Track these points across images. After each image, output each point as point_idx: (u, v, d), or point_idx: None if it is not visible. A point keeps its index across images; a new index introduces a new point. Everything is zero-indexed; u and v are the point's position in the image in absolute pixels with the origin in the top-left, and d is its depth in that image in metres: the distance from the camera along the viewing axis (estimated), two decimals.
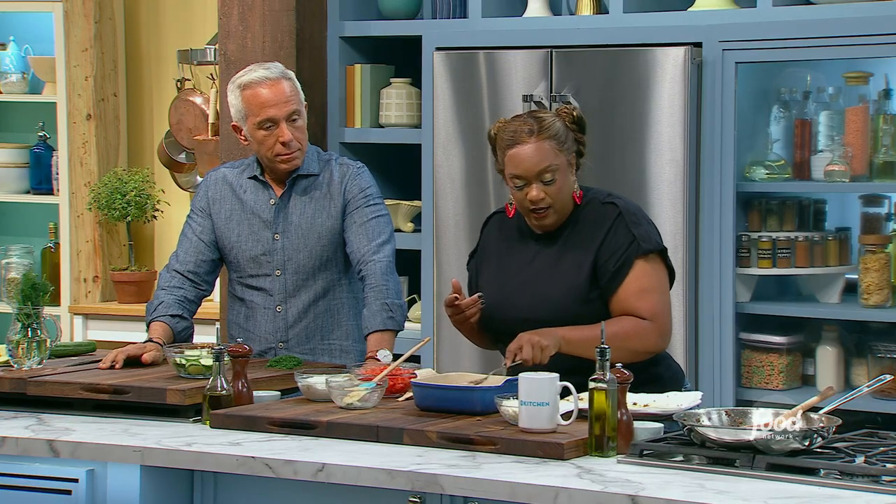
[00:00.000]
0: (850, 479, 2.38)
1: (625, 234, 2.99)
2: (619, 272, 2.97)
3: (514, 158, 2.98)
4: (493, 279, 3.11)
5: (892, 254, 4.11)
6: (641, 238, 3.00)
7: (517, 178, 2.98)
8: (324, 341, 3.48)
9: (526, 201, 2.99)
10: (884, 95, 4.12)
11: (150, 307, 3.45)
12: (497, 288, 3.08)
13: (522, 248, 3.09)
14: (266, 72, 3.39)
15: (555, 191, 2.98)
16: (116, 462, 2.80)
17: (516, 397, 2.69)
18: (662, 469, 2.51)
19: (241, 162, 3.57)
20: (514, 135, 2.99)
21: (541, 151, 2.96)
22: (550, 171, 2.97)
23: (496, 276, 3.11)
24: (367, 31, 4.82)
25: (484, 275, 3.14)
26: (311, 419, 2.83)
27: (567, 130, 3.02)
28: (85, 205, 5.46)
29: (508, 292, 3.06)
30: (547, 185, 2.97)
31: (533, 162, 2.96)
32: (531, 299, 3.03)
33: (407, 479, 2.53)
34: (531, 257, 3.07)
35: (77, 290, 5.50)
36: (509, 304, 3.05)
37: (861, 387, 2.69)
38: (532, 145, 2.97)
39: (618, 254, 2.98)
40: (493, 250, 3.14)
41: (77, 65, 5.45)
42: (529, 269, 3.06)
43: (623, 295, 2.98)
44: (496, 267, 3.12)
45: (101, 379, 3.10)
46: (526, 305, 3.03)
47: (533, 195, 2.97)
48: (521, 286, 3.05)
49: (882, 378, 2.71)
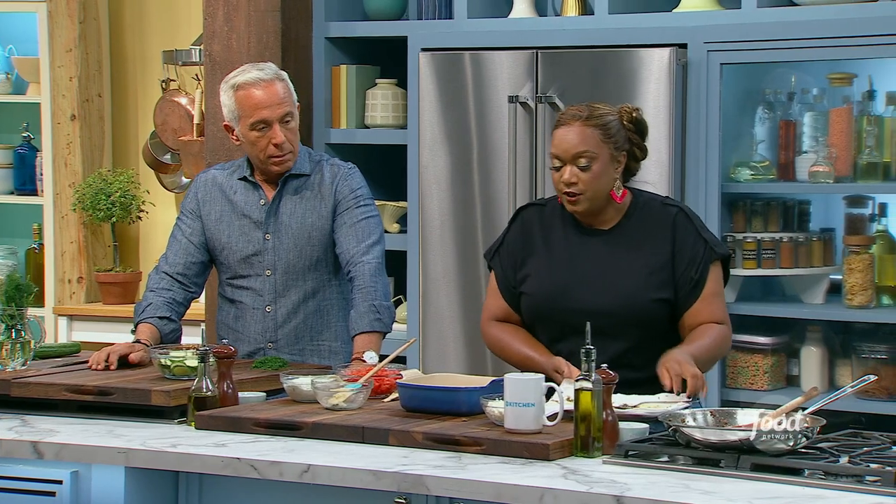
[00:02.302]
0: (834, 480, 2.39)
1: (697, 239, 3.04)
2: (699, 283, 3.02)
3: (556, 138, 3.04)
4: (543, 268, 3.09)
5: (875, 255, 4.13)
6: (714, 244, 3.06)
7: (555, 158, 3.03)
8: (313, 342, 3.48)
9: (560, 183, 3.03)
10: (867, 96, 4.13)
11: (138, 308, 3.44)
12: (550, 277, 3.07)
13: (576, 240, 3.08)
14: (260, 73, 3.39)
15: (588, 178, 3.01)
16: (101, 463, 2.80)
17: (502, 398, 2.70)
18: (647, 469, 2.51)
19: (231, 163, 3.57)
20: (563, 116, 3.06)
21: (582, 135, 3.01)
22: (587, 157, 3.00)
23: (546, 266, 3.09)
24: (353, 32, 4.82)
25: (525, 263, 3.11)
26: (297, 420, 2.83)
27: (621, 127, 3.05)
28: (69, 205, 5.45)
29: (568, 283, 3.04)
30: (582, 171, 3.01)
31: (571, 144, 3.00)
32: (597, 290, 3.02)
33: (392, 480, 2.54)
34: (590, 250, 3.07)
35: (61, 291, 5.48)
36: (569, 296, 3.03)
37: (845, 387, 2.70)
38: (576, 128, 3.01)
39: (696, 261, 3.02)
40: (536, 239, 3.12)
41: (61, 65, 5.44)
42: (590, 261, 3.04)
43: (700, 305, 3.03)
44: (543, 255, 3.10)
45: (86, 380, 3.09)
46: (590, 297, 3.02)
47: (565, 177, 3.01)
48: (583, 277, 3.04)
49: (866, 378, 2.72)
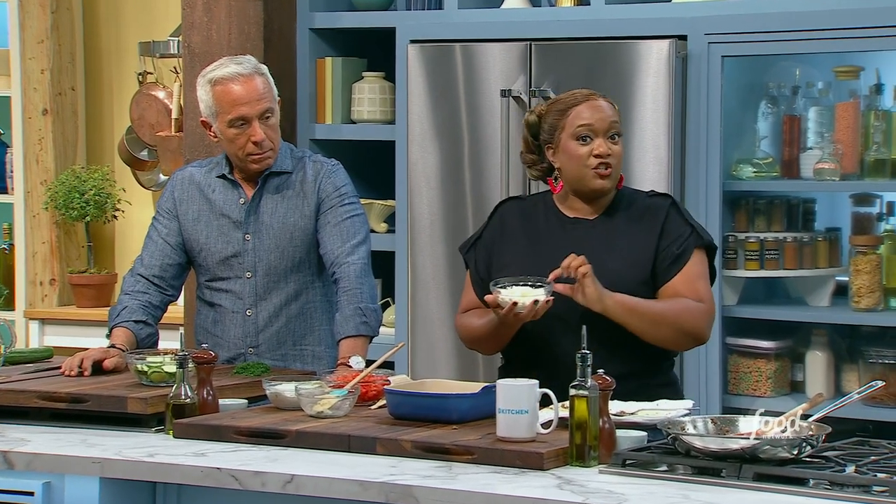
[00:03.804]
0: (840, 490, 2.40)
1: (683, 224, 3.11)
2: (680, 257, 3.08)
3: (588, 109, 3.08)
4: (523, 257, 3.12)
5: (883, 255, 4.14)
6: (700, 231, 3.13)
7: (587, 129, 3.06)
8: (296, 347, 3.48)
9: (590, 157, 3.06)
10: (875, 90, 4.14)
11: (113, 312, 3.44)
12: (531, 265, 3.09)
13: (558, 230, 3.13)
14: (238, 67, 3.39)
15: (618, 152, 3.09)
16: (74, 474, 2.79)
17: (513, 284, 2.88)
18: (646, 479, 2.52)
19: (208, 161, 3.56)
20: (578, 94, 3.10)
21: (611, 109, 3.11)
22: (617, 129, 3.09)
23: (526, 255, 3.12)
24: (339, 23, 4.82)
25: (504, 254, 3.14)
26: (280, 428, 2.83)
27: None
28: (41, 204, 5.44)
29: (549, 268, 3.05)
30: (613, 144, 3.08)
31: (606, 115, 3.08)
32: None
33: (380, 491, 2.54)
34: (572, 239, 3.10)
35: (33, 294, 5.48)
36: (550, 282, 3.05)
37: (852, 393, 2.71)
38: (604, 102, 3.11)
39: (679, 241, 3.09)
40: (516, 231, 3.16)
41: (32, 57, 5.43)
42: (572, 247, 3.07)
43: (679, 279, 3.07)
44: (523, 245, 3.14)
45: (59, 387, 3.09)
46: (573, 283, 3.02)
47: (602, 149, 3.05)
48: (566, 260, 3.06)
49: (873, 384, 2.73)
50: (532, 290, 2.95)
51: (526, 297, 2.94)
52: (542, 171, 3.16)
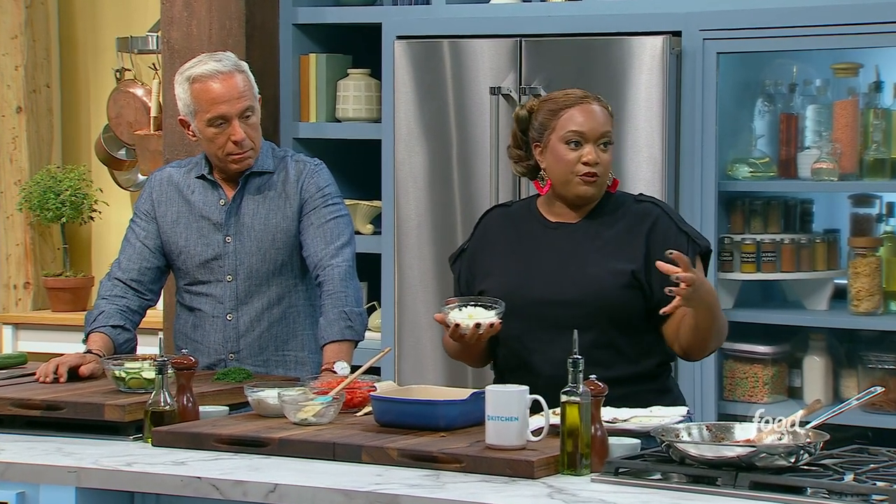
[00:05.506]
0: (838, 499, 2.41)
1: (679, 234, 3.09)
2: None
3: (581, 114, 3.08)
4: (504, 264, 3.13)
5: (883, 257, 4.16)
6: (695, 237, 3.12)
7: (578, 134, 3.06)
8: (278, 352, 3.48)
9: (578, 164, 3.06)
10: (874, 88, 4.16)
11: (90, 317, 3.43)
12: (512, 270, 3.10)
13: (541, 234, 3.13)
14: (217, 64, 3.39)
15: (606, 160, 3.09)
16: (49, 484, 2.79)
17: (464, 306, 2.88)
18: (639, 488, 2.53)
19: (187, 161, 3.56)
20: (572, 96, 3.10)
21: (605, 115, 3.10)
22: (608, 137, 3.09)
23: (508, 261, 3.13)
24: (323, 18, 4.82)
25: (486, 263, 3.15)
26: (263, 436, 2.83)
27: None
28: (15, 205, 5.43)
29: (530, 273, 3.07)
30: (602, 152, 3.07)
31: (599, 122, 3.08)
32: (560, 280, 3.06)
33: (366, 501, 2.54)
34: (553, 243, 3.11)
35: (6, 298, 5.47)
36: (531, 285, 3.06)
37: (850, 399, 2.72)
38: (598, 107, 3.10)
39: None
40: (499, 239, 3.17)
41: (6, 53, 5.42)
42: (554, 252, 3.09)
43: None
44: (505, 252, 3.14)
45: (33, 394, 3.09)
46: (553, 286, 3.05)
47: (590, 157, 3.05)
48: (546, 267, 3.08)
49: (873, 390, 2.74)
50: (484, 311, 2.97)
51: (470, 320, 2.95)
52: (528, 169, 3.17)
